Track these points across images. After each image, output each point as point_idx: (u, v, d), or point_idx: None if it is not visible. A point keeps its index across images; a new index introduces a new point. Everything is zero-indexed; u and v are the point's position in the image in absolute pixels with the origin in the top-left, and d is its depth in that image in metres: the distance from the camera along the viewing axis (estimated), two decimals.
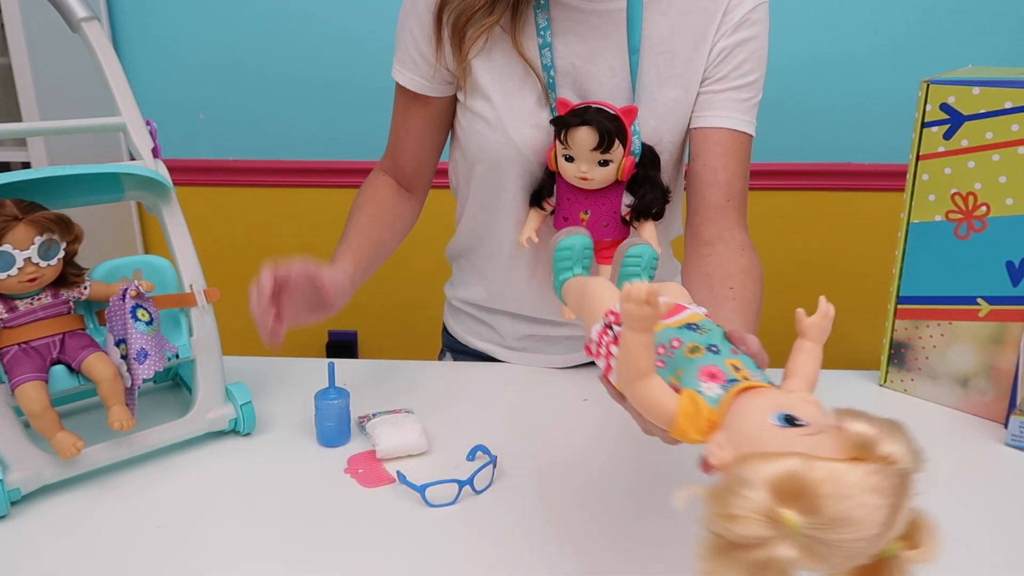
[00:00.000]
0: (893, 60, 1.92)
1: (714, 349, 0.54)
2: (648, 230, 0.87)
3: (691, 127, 0.91)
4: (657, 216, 0.88)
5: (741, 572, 0.41)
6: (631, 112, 0.84)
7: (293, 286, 0.78)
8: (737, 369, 0.52)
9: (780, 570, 0.40)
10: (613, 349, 0.58)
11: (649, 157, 0.88)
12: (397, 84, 0.97)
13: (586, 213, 0.88)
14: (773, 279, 0.95)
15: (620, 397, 0.61)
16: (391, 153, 1.03)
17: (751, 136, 0.91)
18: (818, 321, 0.55)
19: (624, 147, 0.84)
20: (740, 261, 0.85)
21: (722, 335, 0.56)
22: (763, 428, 0.46)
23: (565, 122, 0.84)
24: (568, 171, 0.86)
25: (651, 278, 0.73)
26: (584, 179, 0.85)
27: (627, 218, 0.89)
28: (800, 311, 0.56)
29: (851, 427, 0.42)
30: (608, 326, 0.59)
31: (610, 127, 0.82)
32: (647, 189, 0.87)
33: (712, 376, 0.51)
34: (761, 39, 0.90)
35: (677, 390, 0.52)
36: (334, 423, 0.86)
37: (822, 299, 0.55)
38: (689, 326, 0.56)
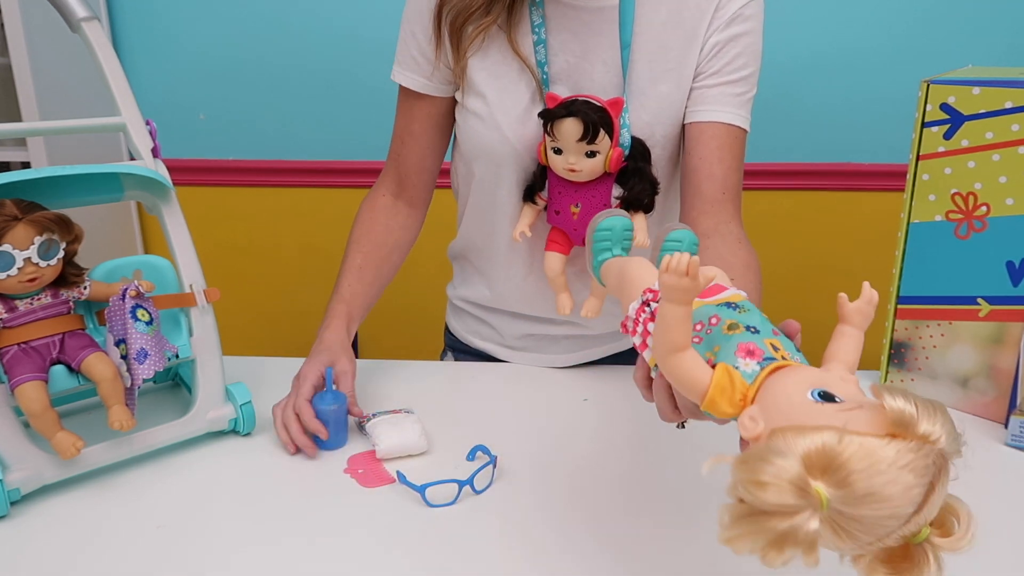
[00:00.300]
0: (893, 60, 1.92)
1: (753, 329, 0.53)
2: (638, 222, 0.88)
3: (685, 122, 0.92)
4: (648, 208, 0.89)
5: (763, 540, 0.40)
6: (617, 104, 0.85)
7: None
8: (776, 349, 0.51)
9: (803, 542, 0.39)
10: (650, 326, 0.57)
11: (639, 150, 0.89)
12: (400, 88, 0.97)
13: (576, 206, 0.89)
14: (773, 279, 0.95)
15: (645, 381, 0.61)
16: (394, 161, 1.02)
17: (745, 131, 0.92)
18: (861, 307, 0.54)
19: (611, 138, 0.85)
20: (739, 254, 0.86)
21: (762, 317, 0.55)
22: (798, 403, 0.45)
23: (551, 114, 0.85)
24: (557, 163, 0.87)
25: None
26: (572, 171, 0.86)
27: None
28: (843, 295, 0.55)
29: (890, 403, 0.41)
30: (646, 303, 0.59)
31: (595, 117, 0.83)
32: (636, 181, 0.88)
33: (750, 353, 0.51)
34: (755, 34, 0.91)
35: (712, 365, 0.51)
36: (331, 427, 0.85)
37: (866, 285, 0.54)
38: (729, 304, 0.55)
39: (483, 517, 0.75)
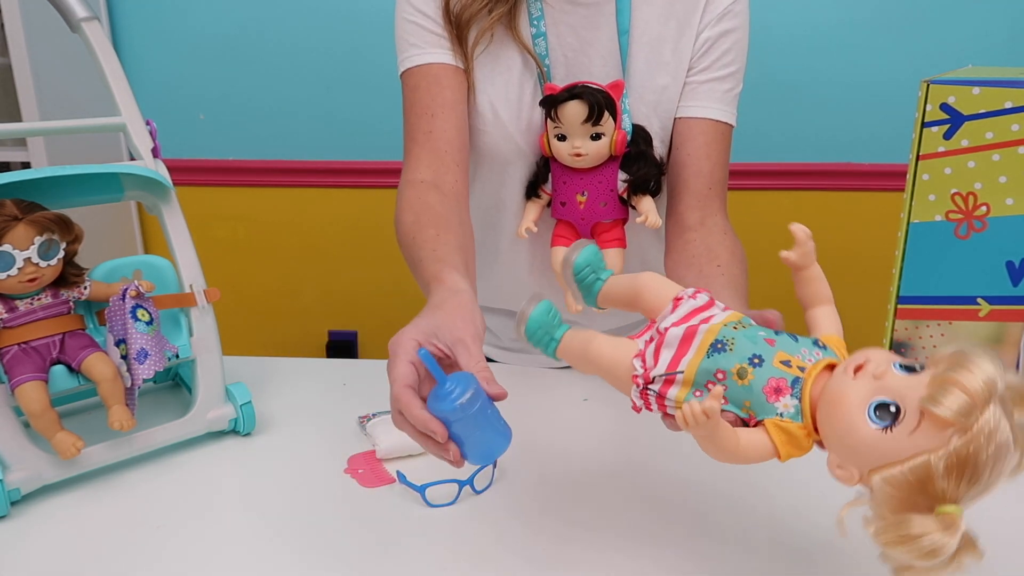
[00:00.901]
0: (893, 60, 1.92)
1: (756, 361, 0.53)
2: (646, 204, 0.88)
3: (675, 116, 0.93)
4: (655, 191, 0.89)
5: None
6: (618, 86, 0.86)
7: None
8: (788, 364, 0.53)
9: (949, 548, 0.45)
10: (664, 403, 0.57)
11: (641, 135, 0.90)
12: (417, 73, 0.90)
13: (583, 195, 0.89)
14: (773, 278, 0.95)
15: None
16: (426, 138, 0.89)
17: (732, 127, 0.93)
18: (803, 250, 0.57)
19: (614, 119, 0.85)
20: (725, 243, 0.88)
21: (745, 334, 0.55)
22: (865, 435, 0.48)
23: (554, 99, 0.85)
24: (561, 150, 0.87)
25: (602, 271, 0.67)
26: (578, 155, 0.86)
27: (624, 196, 0.89)
28: (782, 253, 0.57)
29: (942, 413, 0.44)
30: (644, 390, 0.58)
31: (599, 98, 0.84)
32: (641, 164, 0.88)
33: (778, 392, 0.52)
34: (742, 30, 0.92)
35: (755, 422, 0.53)
36: (461, 428, 0.59)
37: (792, 226, 0.56)
38: (715, 347, 0.55)
39: (483, 517, 0.75)
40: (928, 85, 0.90)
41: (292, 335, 2.24)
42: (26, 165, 1.83)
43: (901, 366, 0.49)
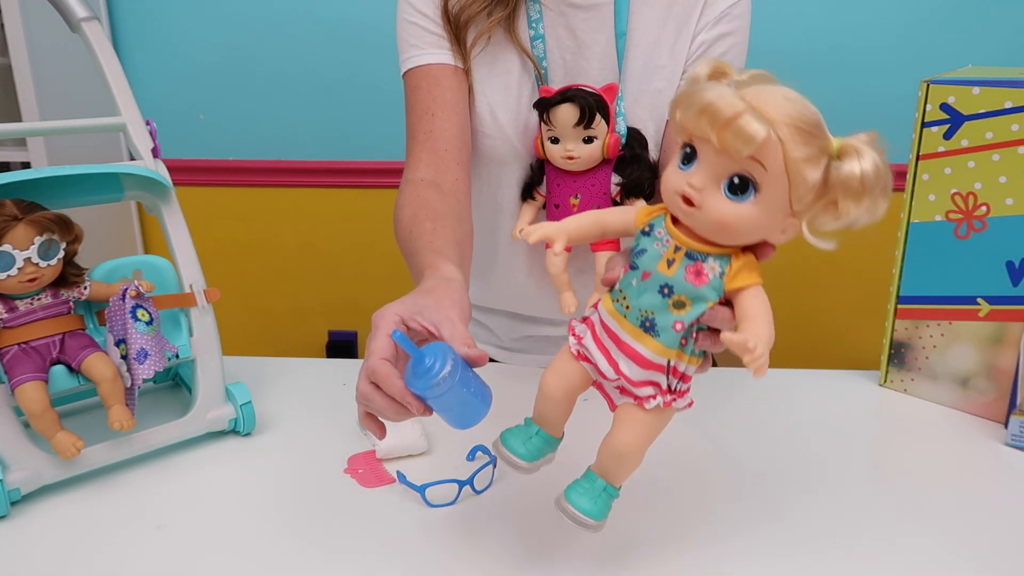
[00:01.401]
0: (893, 60, 1.92)
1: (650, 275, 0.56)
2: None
3: (668, 118, 0.93)
4: (649, 194, 0.89)
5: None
6: (612, 89, 0.86)
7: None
8: (671, 263, 0.55)
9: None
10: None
11: (636, 138, 0.90)
12: (417, 74, 0.91)
13: (576, 197, 0.89)
14: (773, 278, 0.95)
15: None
16: (426, 138, 0.90)
17: None
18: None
19: (607, 123, 0.85)
20: None
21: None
22: (757, 208, 0.51)
23: (547, 102, 0.85)
24: (554, 153, 0.87)
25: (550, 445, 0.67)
26: (570, 158, 0.86)
27: (617, 199, 0.89)
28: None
29: (735, 143, 0.49)
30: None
31: (591, 101, 0.84)
32: (635, 168, 0.88)
33: (697, 274, 0.55)
34: (741, 34, 0.91)
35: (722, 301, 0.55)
36: (439, 398, 0.57)
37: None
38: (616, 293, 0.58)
39: (483, 517, 0.75)
40: (928, 85, 0.90)
41: (292, 335, 2.24)
42: (26, 165, 1.83)
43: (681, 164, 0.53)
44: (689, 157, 0.52)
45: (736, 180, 0.50)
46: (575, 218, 0.62)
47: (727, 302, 0.54)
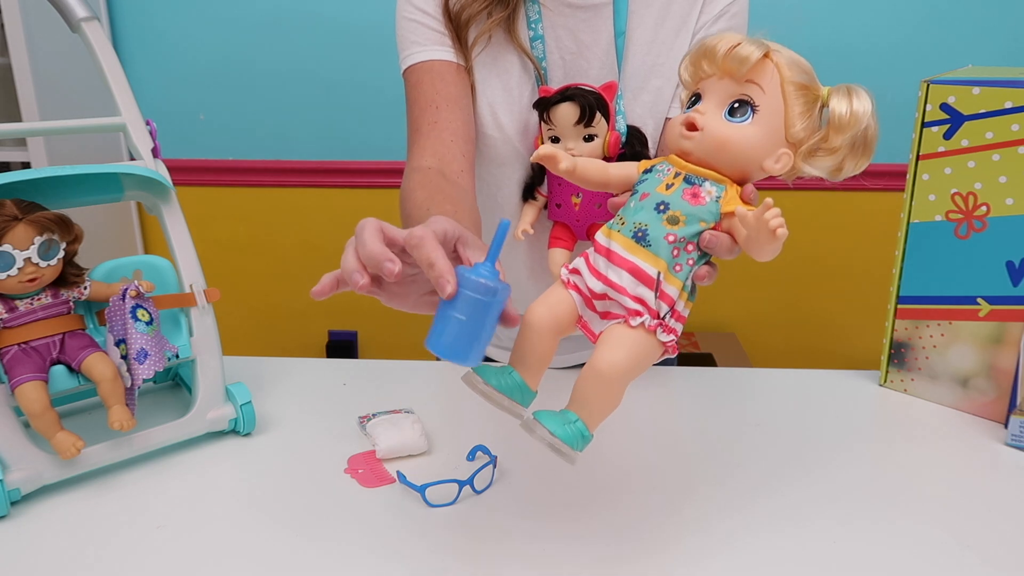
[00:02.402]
0: (893, 60, 1.92)
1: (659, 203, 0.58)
2: None
3: (666, 117, 0.93)
4: None
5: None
6: (611, 88, 0.86)
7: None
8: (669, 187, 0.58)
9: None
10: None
11: (636, 136, 0.90)
12: (420, 70, 0.90)
13: (577, 196, 0.89)
14: (773, 278, 0.95)
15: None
16: (430, 129, 0.87)
17: None
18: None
19: (607, 121, 0.86)
20: None
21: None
22: (757, 129, 0.56)
23: (547, 101, 0.86)
24: None
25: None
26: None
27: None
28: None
29: (735, 64, 0.55)
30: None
31: (591, 99, 0.84)
32: None
33: (694, 196, 0.57)
34: (740, 31, 0.92)
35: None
36: (467, 320, 0.54)
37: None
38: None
39: (483, 517, 0.75)
40: (928, 85, 0.90)
41: (292, 335, 2.24)
42: (26, 165, 1.83)
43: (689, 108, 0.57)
44: (694, 103, 0.58)
45: (736, 104, 0.55)
46: (585, 158, 0.64)
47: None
